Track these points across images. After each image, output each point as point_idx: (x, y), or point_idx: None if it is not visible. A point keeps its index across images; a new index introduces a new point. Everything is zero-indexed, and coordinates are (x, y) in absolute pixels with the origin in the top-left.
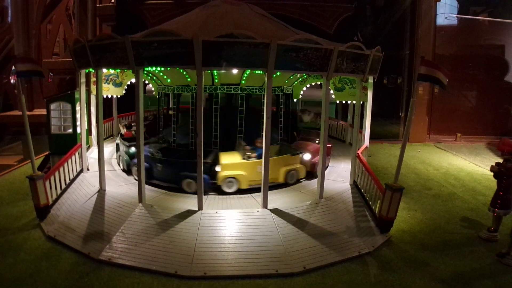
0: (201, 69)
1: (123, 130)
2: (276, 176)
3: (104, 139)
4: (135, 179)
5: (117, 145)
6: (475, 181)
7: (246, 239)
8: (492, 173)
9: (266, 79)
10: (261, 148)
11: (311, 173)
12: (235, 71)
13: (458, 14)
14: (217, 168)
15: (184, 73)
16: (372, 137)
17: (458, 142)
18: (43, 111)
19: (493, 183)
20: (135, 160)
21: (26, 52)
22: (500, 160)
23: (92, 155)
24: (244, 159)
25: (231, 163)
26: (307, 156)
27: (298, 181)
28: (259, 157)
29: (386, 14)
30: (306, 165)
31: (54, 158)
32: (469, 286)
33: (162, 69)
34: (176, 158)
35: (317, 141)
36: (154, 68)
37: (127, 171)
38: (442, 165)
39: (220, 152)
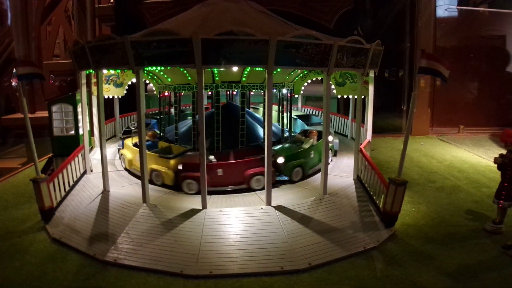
0: (201, 67)
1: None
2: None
3: (107, 139)
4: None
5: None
6: (479, 173)
7: (251, 236)
8: (495, 165)
9: (266, 76)
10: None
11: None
12: (235, 68)
13: (458, 5)
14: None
15: (185, 72)
16: (375, 131)
17: (461, 134)
18: (45, 114)
19: (497, 174)
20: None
21: (26, 55)
22: (504, 152)
23: (95, 156)
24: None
25: None
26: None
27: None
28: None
29: (386, 7)
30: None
31: (57, 160)
32: (475, 278)
33: (163, 68)
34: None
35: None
36: (154, 68)
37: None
38: (446, 158)
39: None
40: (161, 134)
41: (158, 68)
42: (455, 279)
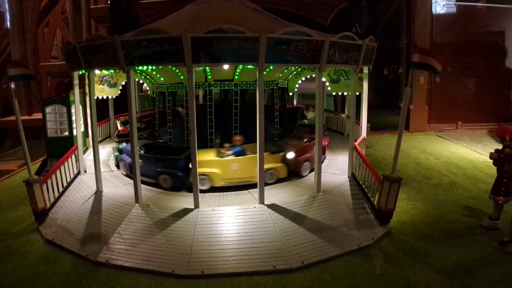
0: (191, 65)
1: (120, 127)
2: (253, 175)
3: (101, 140)
4: (123, 174)
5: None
6: (477, 169)
7: (243, 235)
8: (492, 160)
9: (257, 73)
10: (238, 145)
11: (294, 173)
12: (226, 66)
13: (456, 1)
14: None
15: (177, 71)
16: (373, 128)
17: (459, 130)
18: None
19: (495, 170)
20: (123, 156)
21: (23, 57)
22: (500, 147)
23: (89, 157)
24: (218, 156)
25: (203, 160)
26: (290, 155)
27: (278, 180)
28: (237, 154)
29: (383, 4)
30: (289, 164)
31: (52, 161)
32: (470, 276)
33: (154, 67)
34: (154, 154)
35: (305, 140)
36: (146, 67)
37: (117, 166)
38: (443, 154)
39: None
40: (156, 134)
41: (150, 67)
42: (450, 276)
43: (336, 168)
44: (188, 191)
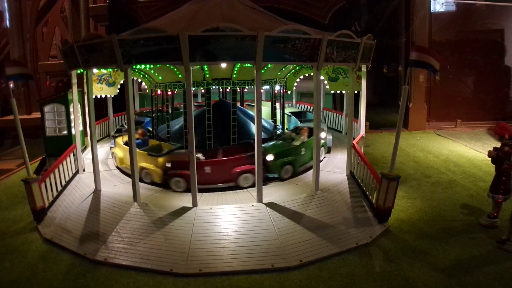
0: (189, 64)
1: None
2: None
3: (100, 139)
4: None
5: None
6: (476, 167)
7: (241, 234)
8: (490, 158)
9: (255, 71)
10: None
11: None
12: (224, 65)
13: None
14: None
15: (175, 69)
16: (372, 127)
17: (458, 128)
18: None
19: (493, 168)
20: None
21: (22, 56)
22: (499, 145)
23: (88, 155)
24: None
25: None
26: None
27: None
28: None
29: (381, 2)
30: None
31: (50, 161)
32: (469, 274)
33: (152, 66)
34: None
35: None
36: (144, 66)
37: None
38: (442, 152)
39: None
40: (154, 132)
41: (148, 66)
42: (448, 274)
43: (334, 166)
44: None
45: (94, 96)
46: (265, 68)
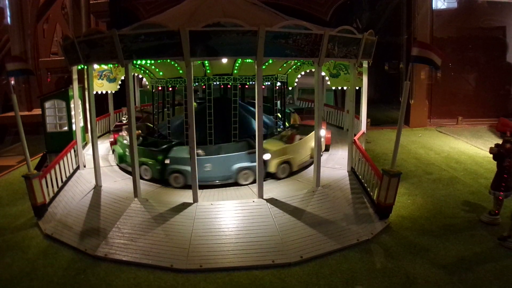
0: (189, 59)
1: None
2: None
3: (101, 135)
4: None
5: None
6: (477, 164)
7: (242, 230)
8: (492, 155)
9: (256, 67)
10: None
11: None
12: (225, 60)
13: None
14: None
15: (176, 65)
16: (373, 123)
17: (459, 125)
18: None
19: (495, 165)
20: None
21: (23, 53)
22: (501, 142)
23: (89, 151)
24: None
25: None
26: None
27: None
28: None
29: None
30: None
31: (51, 157)
32: (470, 271)
33: (153, 62)
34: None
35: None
36: (144, 61)
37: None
38: (444, 149)
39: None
40: (155, 128)
41: (149, 61)
42: (449, 271)
43: (335, 162)
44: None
45: (94, 92)
46: (266, 63)
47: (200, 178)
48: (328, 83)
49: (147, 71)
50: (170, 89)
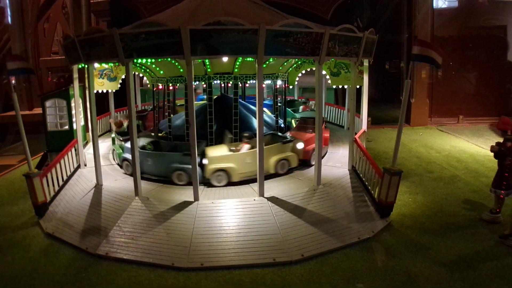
0: (190, 58)
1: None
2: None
3: (102, 134)
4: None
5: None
6: (478, 162)
7: (243, 228)
8: (493, 154)
9: (256, 65)
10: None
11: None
12: (225, 59)
13: None
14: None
15: (176, 63)
16: (374, 122)
17: (460, 124)
18: None
19: (496, 164)
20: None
21: (23, 52)
22: (502, 140)
23: (90, 150)
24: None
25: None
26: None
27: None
28: None
29: None
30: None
31: (52, 156)
32: (471, 269)
33: (154, 60)
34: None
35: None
36: (145, 60)
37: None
38: (445, 148)
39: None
40: (157, 128)
41: (149, 60)
42: (450, 269)
43: (336, 161)
44: (206, 186)
45: (95, 91)
46: (267, 62)
47: (142, 170)
48: (329, 81)
49: (148, 70)
50: (171, 87)
